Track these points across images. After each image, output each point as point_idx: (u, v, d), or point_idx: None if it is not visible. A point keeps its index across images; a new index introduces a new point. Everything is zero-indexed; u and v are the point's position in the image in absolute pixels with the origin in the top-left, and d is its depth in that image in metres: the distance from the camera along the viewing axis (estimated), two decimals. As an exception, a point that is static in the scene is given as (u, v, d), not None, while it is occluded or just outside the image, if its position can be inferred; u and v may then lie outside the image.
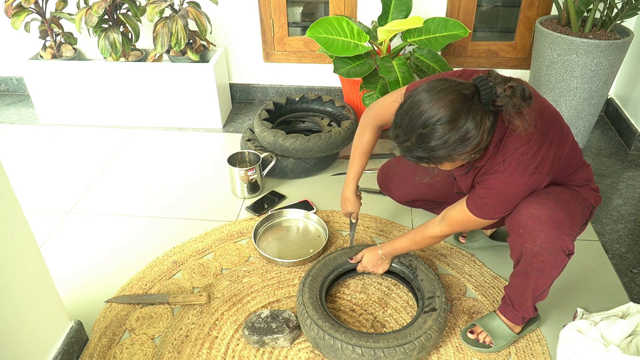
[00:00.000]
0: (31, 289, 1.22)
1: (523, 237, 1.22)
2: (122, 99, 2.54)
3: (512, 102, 1.05)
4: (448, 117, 1.03)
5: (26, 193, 2.10)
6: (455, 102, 1.03)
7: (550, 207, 1.19)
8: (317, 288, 1.48)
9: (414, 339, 1.32)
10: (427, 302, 1.44)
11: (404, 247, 1.49)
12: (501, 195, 1.20)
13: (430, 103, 1.04)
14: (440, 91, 1.05)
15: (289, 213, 1.92)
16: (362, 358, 1.29)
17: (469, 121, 1.04)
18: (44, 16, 2.44)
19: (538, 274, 1.26)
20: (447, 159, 1.09)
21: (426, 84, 1.09)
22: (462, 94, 1.04)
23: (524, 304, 1.35)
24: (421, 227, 1.44)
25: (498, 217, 1.25)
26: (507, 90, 1.05)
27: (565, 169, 1.26)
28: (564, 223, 1.19)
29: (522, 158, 1.14)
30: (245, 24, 2.62)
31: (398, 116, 1.11)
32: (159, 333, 1.48)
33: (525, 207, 1.21)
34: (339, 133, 2.10)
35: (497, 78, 1.07)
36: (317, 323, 1.36)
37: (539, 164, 1.15)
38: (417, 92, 1.08)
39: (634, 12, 2.02)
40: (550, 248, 1.19)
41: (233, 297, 1.59)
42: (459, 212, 1.29)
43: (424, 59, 2.22)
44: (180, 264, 1.72)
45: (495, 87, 1.06)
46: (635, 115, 2.39)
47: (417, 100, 1.07)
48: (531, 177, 1.16)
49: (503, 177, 1.17)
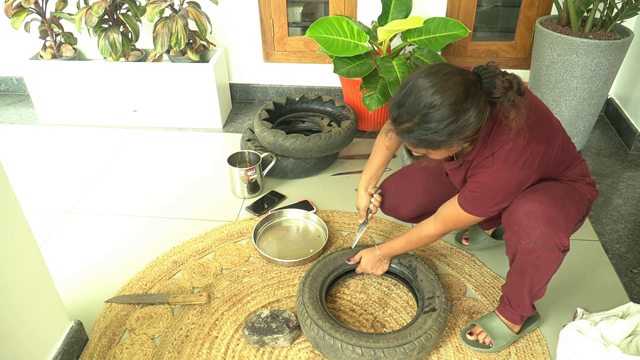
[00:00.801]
0: (31, 289, 1.22)
1: (518, 234, 1.22)
2: (122, 99, 2.54)
3: (509, 94, 1.06)
4: (455, 99, 1.02)
5: (26, 193, 2.11)
6: (462, 85, 1.03)
7: (545, 204, 1.19)
8: (317, 288, 1.48)
9: (414, 339, 1.32)
10: (427, 302, 1.44)
11: (401, 247, 1.49)
12: (490, 189, 1.19)
13: (438, 84, 1.03)
14: (447, 73, 1.05)
15: (289, 213, 1.92)
16: (362, 358, 1.29)
17: (474, 106, 1.04)
18: (44, 16, 2.44)
19: (534, 270, 1.26)
20: (446, 143, 1.08)
21: (428, 67, 1.09)
22: (467, 78, 1.05)
23: (521, 302, 1.35)
24: (417, 227, 1.44)
25: (488, 212, 1.24)
26: (505, 82, 1.07)
27: (556, 166, 1.26)
28: (559, 220, 1.19)
29: (510, 152, 1.14)
30: (245, 24, 2.62)
31: (400, 97, 1.08)
32: (159, 333, 1.48)
33: (520, 204, 1.21)
34: (339, 133, 2.10)
35: (495, 70, 1.08)
36: (317, 323, 1.36)
37: (527, 159, 1.15)
38: (420, 75, 1.07)
39: (634, 12, 2.02)
40: (545, 244, 1.19)
41: (233, 297, 1.59)
42: (451, 209, 1.30)
43: (424, 59, 2.22)
44: (180, 264, 1.72)
45: (495, 78, 1.07)
46: (635, 115, 2.39)
47: (422, 82, 1.05)
48: (520, 172, 1.16)
49: (491, 171, 1.17)
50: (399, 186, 1.61)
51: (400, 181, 1.61)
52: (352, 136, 2.19)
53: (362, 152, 2.37)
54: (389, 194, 1.62)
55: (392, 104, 1.11)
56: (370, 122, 2.52)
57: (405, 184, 1.60)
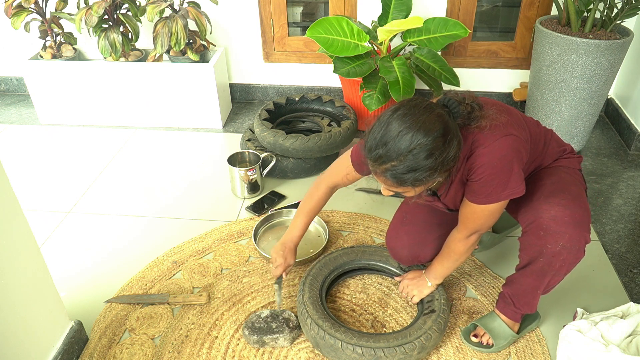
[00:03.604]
0: (31, 289, 1.22)
1: (544, 239, 1.22)
2: (122, 99, 2.54)
3: (474, 115, 1.13)
4: (437, 134, 1.04)
5: (26, 193, 2.11)
6: (439, 119, 1.06)
7: (570, 207, 1.21)
8: (318, 288, 1.48)
9: (414, 339, 1.32)
10: (427, 303, 1.45)
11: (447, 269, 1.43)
12: (492, 168, 1.15)
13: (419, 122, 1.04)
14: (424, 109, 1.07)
15: (289, 213, 1.91)
16: (363, 358, 1.29)
17: (455, 137, 1.07)
18: (44, 16, 2.44)
19: (555, 273, 1.27)
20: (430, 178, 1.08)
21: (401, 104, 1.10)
22: (441, 112, 1.08)
23: (531, 302, 1.36)
24: (445, 244, 1.41)
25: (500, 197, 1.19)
26: (467, 107, 1.12)
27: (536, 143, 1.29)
28: (584, 219, 1.22)
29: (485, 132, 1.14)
30: (245, 24, 2.62)
31: (379, 136, 1.08)
32: (159, 333, 1.48)
33: (545, 210, 1.21)
34: (339, 133, 2.10)
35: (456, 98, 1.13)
36: (318, 323, 1.36)
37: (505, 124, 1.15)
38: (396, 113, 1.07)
39: (634, 12, 2.02)
40: (573, 247, 1.21)
41: (233, 297, 1.59)
42: (467, 210, 1.26)
43: (424, 59, 2.22)
44: (180, 264, 1.72)
45: (459, 106, 1.12)
46: (635, 115, 2.39)
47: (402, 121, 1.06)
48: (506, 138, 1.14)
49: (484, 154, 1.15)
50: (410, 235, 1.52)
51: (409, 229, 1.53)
52: (352, 136, 2.19)
53: (362, 152, 2.37)
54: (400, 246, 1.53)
55: (371, 144, 1.09)
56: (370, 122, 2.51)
57: (413, 227, 1.52)
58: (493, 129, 1.14)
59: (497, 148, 1.15)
